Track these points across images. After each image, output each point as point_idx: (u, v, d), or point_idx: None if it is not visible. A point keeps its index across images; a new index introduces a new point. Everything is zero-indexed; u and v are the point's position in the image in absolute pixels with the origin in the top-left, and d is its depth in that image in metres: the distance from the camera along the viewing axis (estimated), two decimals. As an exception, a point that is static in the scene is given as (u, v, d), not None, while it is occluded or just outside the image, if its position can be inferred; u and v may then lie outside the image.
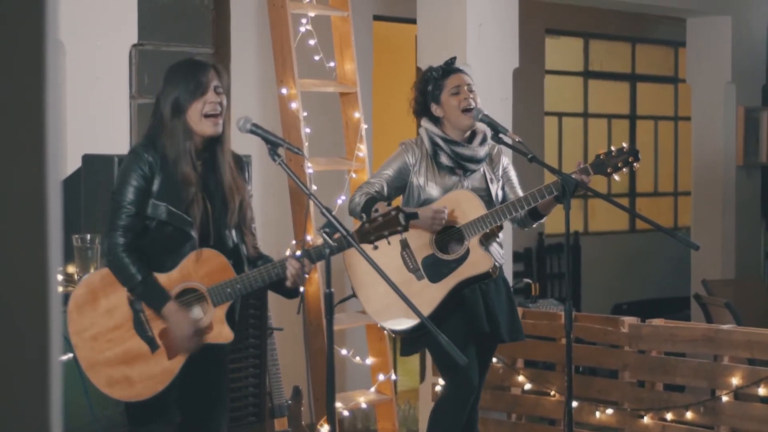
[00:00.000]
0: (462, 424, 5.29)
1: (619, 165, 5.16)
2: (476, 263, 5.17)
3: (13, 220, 1.31)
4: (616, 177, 5.21)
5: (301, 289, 4.55)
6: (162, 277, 4.35)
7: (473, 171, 5.28)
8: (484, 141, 5.31)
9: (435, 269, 5.16)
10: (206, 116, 4.37)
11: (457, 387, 5.23)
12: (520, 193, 5.35)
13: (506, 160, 5.43)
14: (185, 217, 4.35)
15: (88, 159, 5.40)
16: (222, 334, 4.41)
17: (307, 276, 4.44)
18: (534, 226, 5.47)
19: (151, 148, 4.37)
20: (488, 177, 5.31)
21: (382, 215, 4.34)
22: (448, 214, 5.12)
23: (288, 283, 4.40)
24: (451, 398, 5.26)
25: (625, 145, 5.22)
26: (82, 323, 4.35)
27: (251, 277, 4.39)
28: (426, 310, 5.03)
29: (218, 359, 4.55)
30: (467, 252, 5.16)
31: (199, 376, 4.48)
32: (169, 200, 4.34)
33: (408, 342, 5.33)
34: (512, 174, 5.44)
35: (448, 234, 5.17)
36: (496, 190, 5.32)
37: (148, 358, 4.36)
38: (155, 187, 4.34)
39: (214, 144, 4.45)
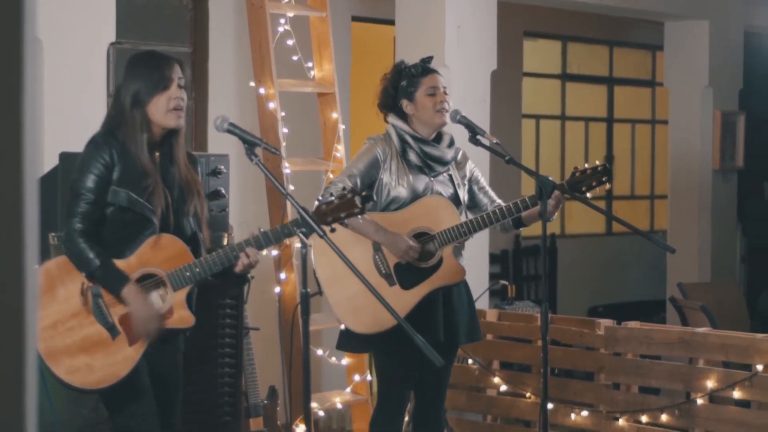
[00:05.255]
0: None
1: (593, 184, 5.15)
2: (450, 273, 5.12)
3: (-11, 218, 1.30)
4: (588, 195, 5.18)
5: (250, 275, 4.52)
6: (120, 263, 4.32)
7: (439, 173, 5.23)
8: (452, 144, 5.27)
9: (407, 276, 5.10)
10: (171, 110, 4.38)
11: (389, 398, 5.19)
12: (494, 196, 5.34)
13: (472, 164, 5.37)
14: (146, 204, 4.33)
15: (65, 157, 5.38)
16: (183, 318, 4.39)
17: (257, 262, 4.42)
18: (515, 232, 5.43)
19: (111, 138, 4.36)
20: (455, 181, 5.24)
21: (338, 197, 4.33)
22: (421, 223, 5.10)
23: (237, 269, 4.40)
24: (384, 410, 5.22)
25: (598, 163, 5.22)
26: (39, 312, 4.28)
27: (210, 261, 4.37)
28: None
29: (178, 345, 4.53)
30: (440, 261, 5.12)
31: (161, 362, 4.46)
32: (129, 188, 4.32)
33: (352, 339, 5.20)
34: (481, 178, 5.39)
35: (422, 240, 5.10)
36: (462, 194, 5.25)
37: (109, 344, 4.32)
38: (116, 175, 4.32)
39: (170, 137, 4.45)
